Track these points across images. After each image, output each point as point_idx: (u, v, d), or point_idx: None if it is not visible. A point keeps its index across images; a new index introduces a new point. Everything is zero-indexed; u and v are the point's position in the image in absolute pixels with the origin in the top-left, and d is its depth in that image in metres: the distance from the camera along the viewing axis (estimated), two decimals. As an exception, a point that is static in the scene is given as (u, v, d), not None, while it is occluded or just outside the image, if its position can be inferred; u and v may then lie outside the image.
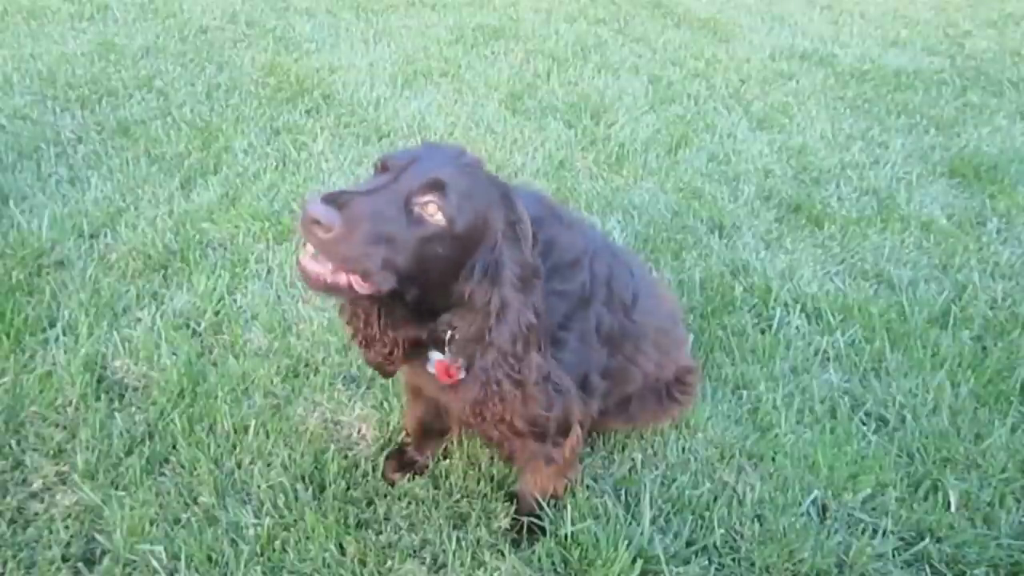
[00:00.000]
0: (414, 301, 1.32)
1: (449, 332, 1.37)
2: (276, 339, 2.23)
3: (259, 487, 1.77)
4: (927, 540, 1.78)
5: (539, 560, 1.68)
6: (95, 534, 1.65)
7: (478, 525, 1.74)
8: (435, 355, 1.45)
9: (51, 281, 2.38)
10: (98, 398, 1.97)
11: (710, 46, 5.25)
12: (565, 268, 1.47)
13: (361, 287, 1.23)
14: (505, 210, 1.31)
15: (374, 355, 1.49)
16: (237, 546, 1.63)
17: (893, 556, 1.76)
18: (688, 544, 1.74)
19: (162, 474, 1.81)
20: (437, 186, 1.23)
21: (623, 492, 1.86)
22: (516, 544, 1.72)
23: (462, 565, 1.65)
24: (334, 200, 1.16)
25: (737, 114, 4.14)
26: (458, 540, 1.69)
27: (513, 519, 1.76)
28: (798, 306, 2.54)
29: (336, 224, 1.14)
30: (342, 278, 1.22)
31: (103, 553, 1.62)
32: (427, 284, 1.29)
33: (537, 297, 1.33)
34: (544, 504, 1.75)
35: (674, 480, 1.89)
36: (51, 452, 1.82)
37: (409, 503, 1.78)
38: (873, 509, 1.87)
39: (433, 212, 1.23)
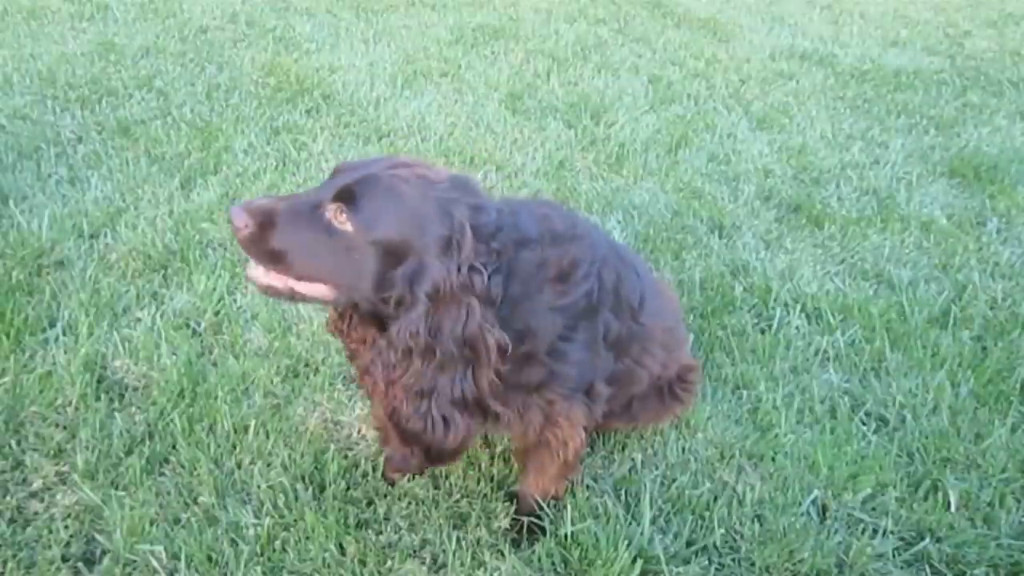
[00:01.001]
0: (366, 309, 1.38)
1: None
2: (276, 339, 2.23)
3: (259, 487, 1.77)
4: (927, 540, 1.78)
5: (539, 560, 1.68)
6: (95, 534, 1.65)
7: (478, 525, 1.74)
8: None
9: (51, 281, 2.38)
10: (98, 398, 1.97)
11: (710, 46, 5.25)
12: (556, 283, 1.46)
13: (302, 291, 1.34)
14: (438, 224, 1.29)
15: (349, 344, 1.57)
16: (237, 546, 1.63)
17: (893, 556, 1.76)
18: (688, 544, 1.75)
19: (162, 474, 1.81)
20: (347, 195, 1.29)
21: (623, 492, 1.86)
22: (516, 544, 1.72)
23: (462, 565, 1.65)
24: (251, 205, 1.30)
25: (737, 114, 4.14)
26: (458, 540, 1.69)
27: (513, 519, 1.77)
28: (798, 306, 2.54)
29: (243, 222, 1.28)
30: (278, 282, 1.34)
31: (103, 553, 1.62)
32: (364, 294, 1.34)
33: (465, 315, 1.30)
34: (544, 504, 1.75)
35: (674, 480, 1.89)
36: (51, 452, 1.82)
37: (409, 503, 1.78)
38: (873, 509, 1.87)
39: (343, 221, 1.29)
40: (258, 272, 1.35)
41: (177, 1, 5.13)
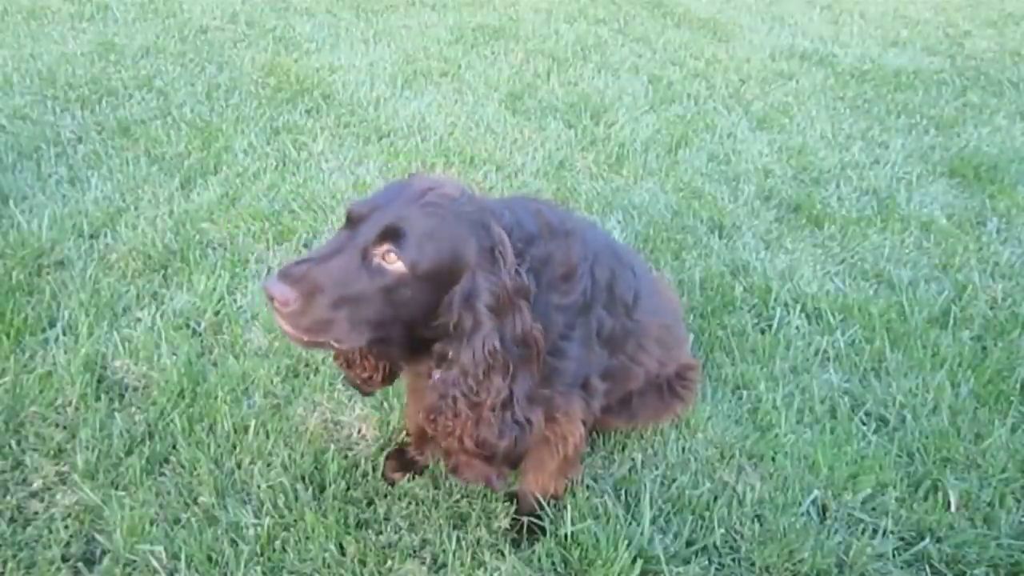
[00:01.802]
0: (400, 341, 1.35)
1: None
2: (276, 339, 2.23)
3: (259, 487, 1.77)
4: (927, 540, 1.78)
5: (539, 560, 1.68)
6: (95, 534, 1.65)
7: (478, 525, 1.74)
8: (436, 374, 1.45)
9: (51, 281, 2.38)
10: (98, 398, 1.97)
11: (710, 46, 5.25)
12: (561, 282, 1.47)
13: (339, 344, 1.28)
14: (478, 238, 1.30)
15: (354, 376, 1.55)
16: (237, 546, 1.63)
17: (893, 556, 1.76)
18: (688, 544, 1.75)
19: (162, 474, 1.81)
20: (392, 234, 1.25)
21: (623, 492, 1.86)
22: (516, 544, 1.72)
23: (462, 565, 1.65)
24: (290, 274, 1.21)
25: (737, 114, 4.14)
26: (458, 540, 1.69)
27: (513, 519, 1.77)
28: (798, 306, 2.54)
29: (292, 299, 1.19)
30: (319, 339, 1.27)
31: (103, 553, 1.62)
32: (406, 326, 1.32)
33: (519, 318, 1.32)
34: (544, 504, 1.75)
35: (674, 480, 1.89)
36: (51, 452, 1.82)
37: (409, 503, 1.78)
38: (873, 509, 1.87)
39: (392, 261, 1.25)
40: (299, 332, 1.26)
41: (177, 1, 5.14)
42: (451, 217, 1.30)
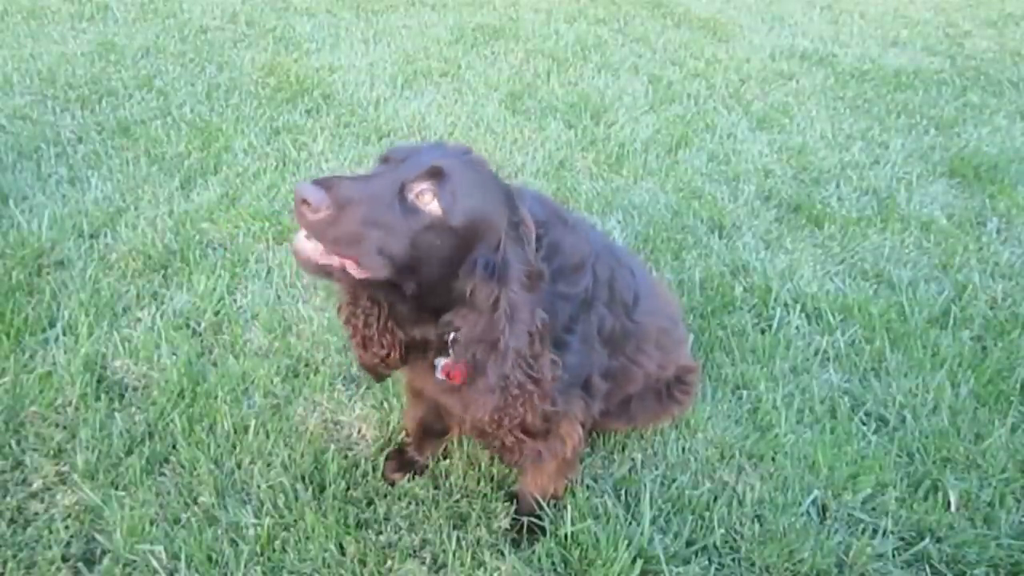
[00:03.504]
0: (414, 296, 1.30)
1: (452, 334, 1.35)
2: (276, 339, 2.23)
3: (259, 487, 1.77)
4: (927, 540, 1.78)
5: (539, 560, 1.68)
6: (95, 534, 1.65)
7: (478, 525, 1.74)
8: (440, 361, 1.43)
9: (51, 281, 2.38)
10: (98, 398, 1.97)
11: (710, 46, 5.25)
12: (570, 271, 1.46)
13: (355, 270, 1.22)
14: (508, 210, 1.29)
15: (370, 357, 1.48)
16: (237, 546, 1.63)
17: (893, 556, 1.76)
18: (688, 544, 1.74)
19: (162, 474, 1.81)
20: (434, 174, 1.22)
21: (623, 492, 1.86)
22: (516, 544, 1.72)
23: (462, 565, 1.65)
24: (326, 183, 1.16)
25: (737, 114, 4.14)
26: (458, 540, 1.69)
27: (513, 519, 1.77)
28: (798, 306, 2.54)
29: (324, 205, 1.14)
30: (335, 260, 1.21)
31: (103, 553, 1.62)
32: (425, 277, 1.26)
33: (541, 300, 1.32)
34: (544, 504, 1.75)
35: (674, 480, 1.89)
36: (51, 452, 1.82)
37: (409, 503, 1.78)
38: (873, 509, 1.87)
39: (428, 201, 1.22)
40: (309, 247, 1.20)
41: (177, 1, 5.14)
42: (489, 179, 1.30)
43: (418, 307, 1.35)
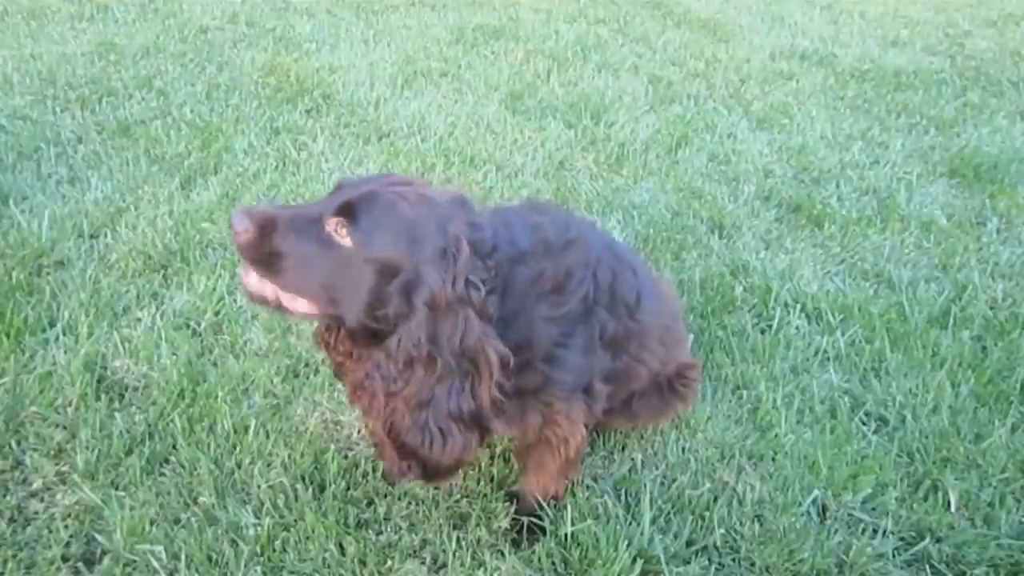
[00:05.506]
0: (353, 322, 1.35)
1: None
2: (276, 339, 2.23)
3: (259, 487, 1.77)
4: (927, 540, 1.78)
5: (539, 560, 1.68)
6: (95, 534, 1.65)
7: (478, 525, 1.74)
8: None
9: (51, 281, 2.38)
10: (98, 398, 1.97)
11: (710, 46, 5.25)
12: (552, 296, 1.47)
13: (289, 303, 1.35)
14: (436, 238, 1.30)
15: (331, 359, 1.57)
16: (237, 546, 1.63)
17: (893, 556, 1.76)
18: (688, 544, 1.75)
19: (162, 474, 1.81)
20: (347, 209, 1.29)
21: (623, 492, 1.86)
22: (516, 544, 1.72)
23: (462, 565, 1.65)
24: (251, 209, 1.31)
25: (737, 114, 4.14)
26: (458, 540, 1.70)
27: (513, 519, 1.77)
28: (798, 306, 2.54)
29: (247, 227, 1.28)
30: (269, 292, 1.35)
31: (103, 553, 1.62)
32: (353, 306, 1.33)
33: (461, 327, 1.30)
34: (544, 504, 1.75)
35: (674, 480, 1.89)
36: (51, 452, 1.82)
37: (409, 503, 1.78)
38: (873, 509, 1.87)
39: (343, 235, 1.29)
40: (251, 279, 1.36)
41: (177, 1, 5.14)
42: (414, 213, 1.31)
43: (364, 333, 1.38)
